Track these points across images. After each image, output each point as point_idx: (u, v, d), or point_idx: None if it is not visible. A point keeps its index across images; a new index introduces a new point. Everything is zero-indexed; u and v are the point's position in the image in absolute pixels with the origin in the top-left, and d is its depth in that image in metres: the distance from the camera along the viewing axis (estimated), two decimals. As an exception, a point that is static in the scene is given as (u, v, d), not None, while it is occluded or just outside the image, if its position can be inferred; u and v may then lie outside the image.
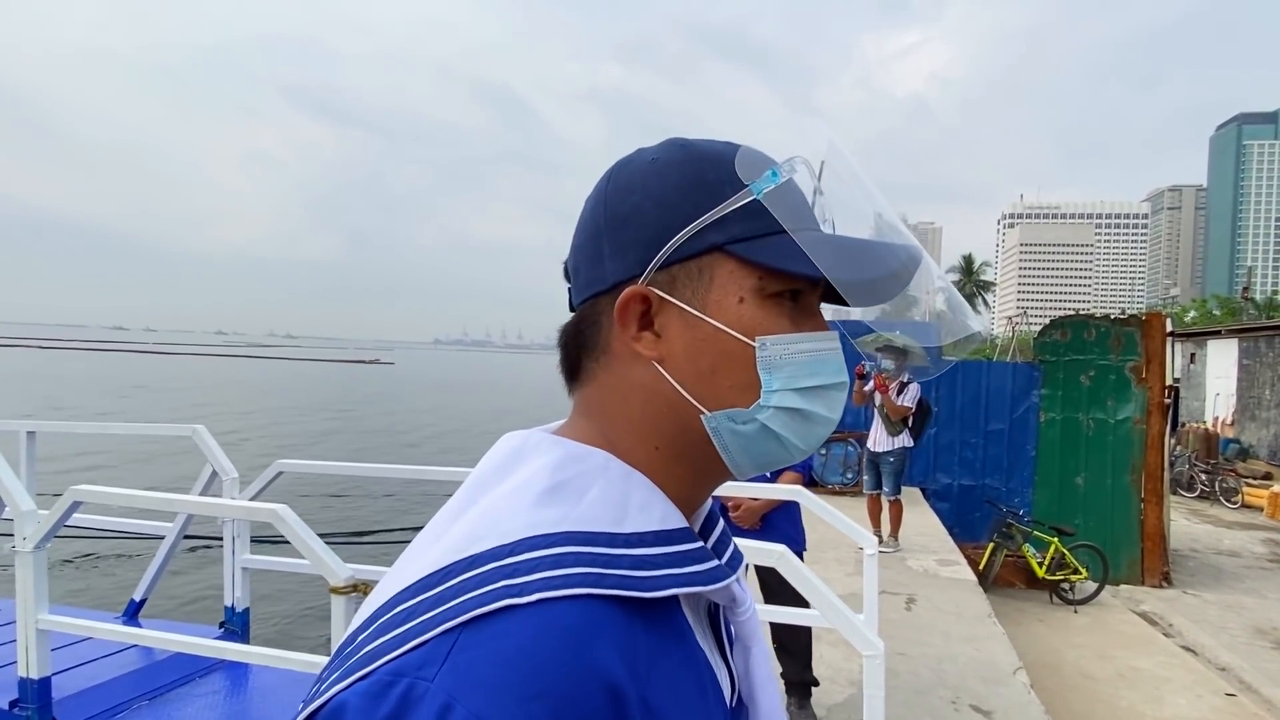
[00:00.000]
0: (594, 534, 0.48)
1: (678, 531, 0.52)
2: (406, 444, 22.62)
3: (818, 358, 0.55)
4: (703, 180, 0.54)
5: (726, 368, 0.53)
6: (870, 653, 1.98)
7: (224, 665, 3.19)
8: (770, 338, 0.53)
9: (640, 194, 0.55)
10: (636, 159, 0.57)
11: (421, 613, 0.43)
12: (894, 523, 6.97)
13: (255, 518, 2.64)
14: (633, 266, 0.54)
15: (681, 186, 0.54)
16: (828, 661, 4.03)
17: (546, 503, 0.49)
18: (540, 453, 0.53)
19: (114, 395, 33.63)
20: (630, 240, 0.54)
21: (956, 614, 5.35)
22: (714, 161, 0.55)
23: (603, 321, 0.56)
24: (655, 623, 0.48)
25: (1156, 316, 8.93)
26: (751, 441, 0.54)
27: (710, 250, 0.53)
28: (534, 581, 0.43)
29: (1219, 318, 43.08)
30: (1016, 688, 4.21)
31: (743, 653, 0.59)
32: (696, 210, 0.53)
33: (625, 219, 0.55)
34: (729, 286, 0.53)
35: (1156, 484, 8.58)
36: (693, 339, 0.53)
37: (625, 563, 0.47)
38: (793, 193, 0.54)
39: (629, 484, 0.52)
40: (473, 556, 0.46)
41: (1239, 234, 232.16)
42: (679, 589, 0.48)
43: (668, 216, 0.53)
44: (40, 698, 2.44)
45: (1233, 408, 20.02)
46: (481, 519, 0.49)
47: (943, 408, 9.22)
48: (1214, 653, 6.61)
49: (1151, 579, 8.51)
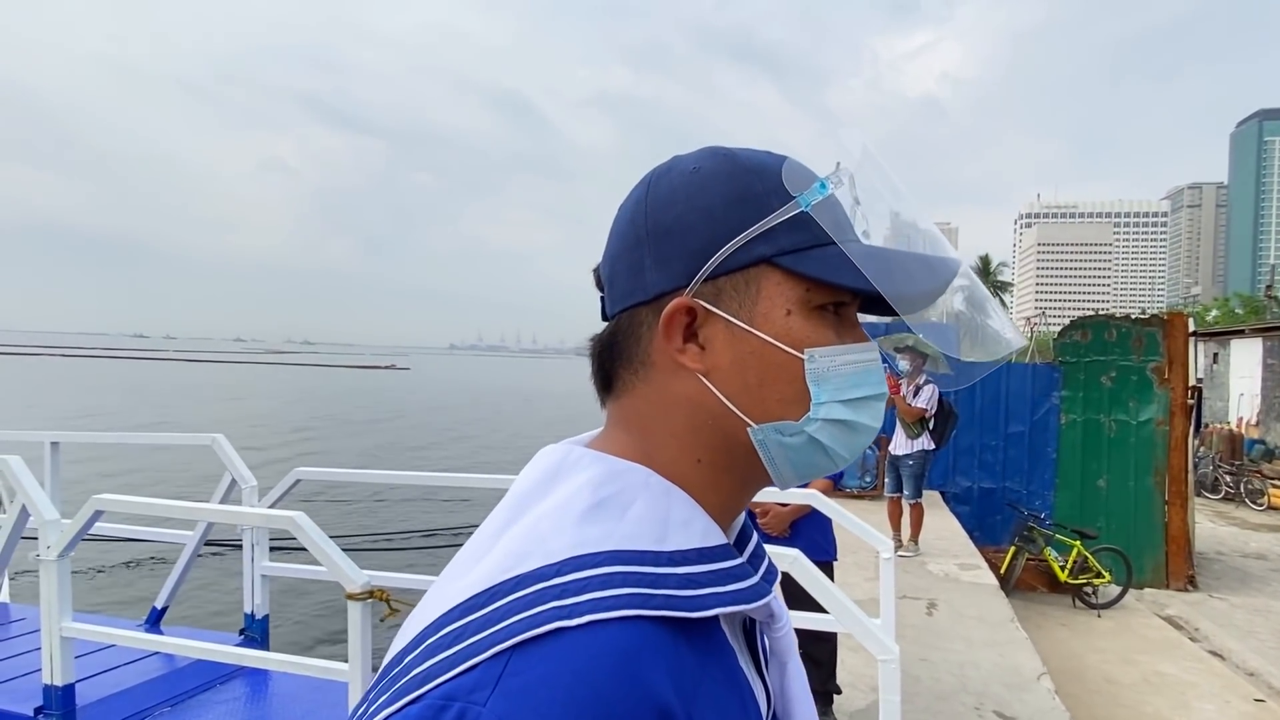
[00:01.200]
0: (639, 553, 0.47)
1: (719, 549, 0.52)
2: (423, 450, 22.74)
3: (862, 369, 0.55)
4: (749, 192, 0.54)
5: (775, 380, 0.53)
6: (885, 657, 1.97)
7: (244, 672, 3.22)
8: (819, 350, 0.53)
9: (684, 205, 0.54)
10: (677, 167, 0.57)
11: (470, 634, 0.43)
12: (914, 526, 6.91)
13: (273, 525, 2.67)
14: (678, 278, 0.54)
15: (728, 198, 0.54)
16: (849, 667, 4.00)
17: (590, 520, 0.49)
18: (581, 469, 0.53)
19: (139, 402, 34.07)
20: (675, 251, 0.54)
21: (978, 618, 5.29)
22: (759, 173, 0.54)
23: (643, 333, 0.55)
24: (699, 642, 0.48)
25: (1179, 316, 8.82)
26: (798, 453, 0.54)
27: (758, 262, 0.53)
28: (584, 603, 0.43)
29: (1242, 316, 42.46)
30: (1040, 693, 4.16)
31: (778, 668, 0.59)
32: (743, 222, 0.53)
33: (669, 229, 0.54)
34: (776, 299, 0.53)
35: (1180, 486, 8.45)
36: (740, 352, 0.53)
37: (671, 582, 0.47)
38: (837, 205, 0.54)
39: (670, 500, 0.52)
40: (519, 577, 0.45)
41: (1261, 231, 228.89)
42: (723, 608, 0.48)
43: (714, 228, 0.53)
44: (65, 704, 2.47)
45: (1257, 408, 19.70)
46: (526, 537, 0.48)
47: (962, 410, 9.12)
48: (1242, 657, 6.50)
49: (1176, 582, 8.38)
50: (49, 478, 3.69)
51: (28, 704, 2.56)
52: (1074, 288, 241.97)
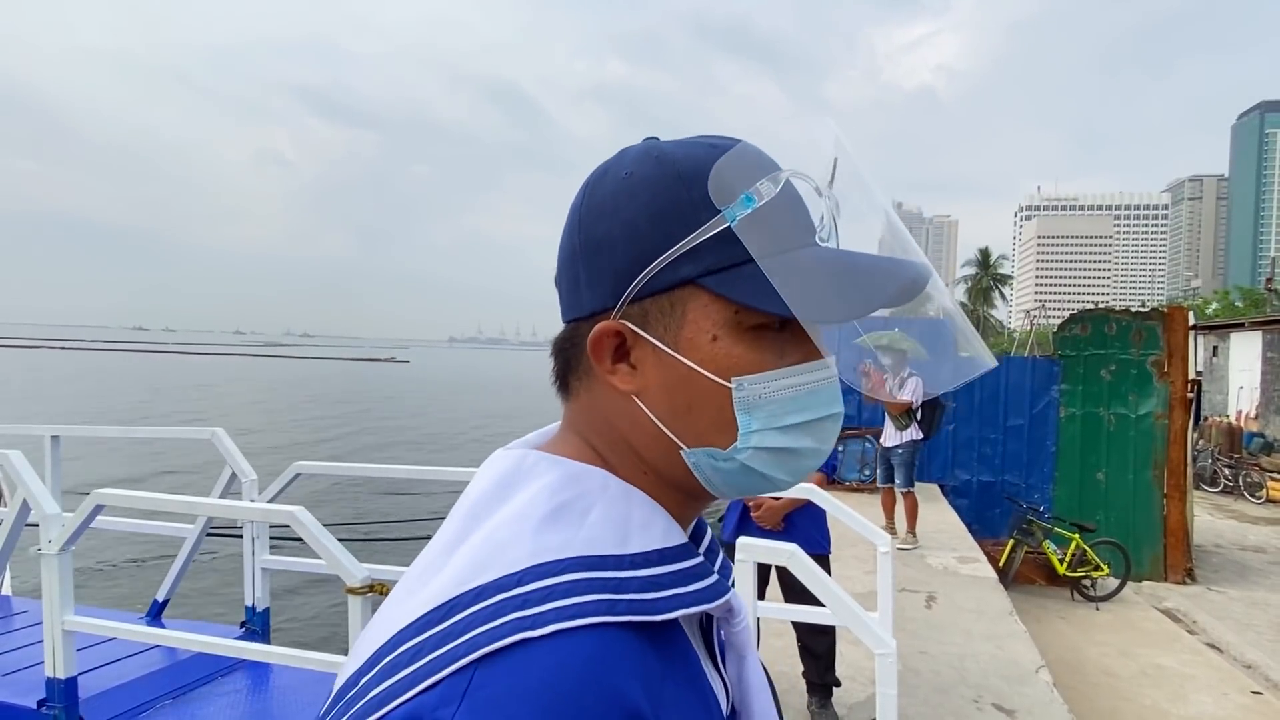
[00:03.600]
0: (601, 557, 0.46)
1: (680, 548, 0.51)
2: (423, 443, 22.76)
3: (805, 391, 0.51)
4: (676, 204, 0.50)
5: (702, 407, 0.50)
6: (883, 651, 1.98)
7: (245, 665, 3.23)
8: (748, 378, 0.49)
9: (612, 218, 0.51)
10: (613, 170, 0.53)
11: (430, 650, 0.41)
12: (909, 517, 6.98)
13: (273, 520, 2.67)
14: (606, 298, 0.51)
15: (653, 211, 0.50)
16: (848, 661, 4.01)
17: (550, 527, 0.47)
18: (537, 474, 0.51)
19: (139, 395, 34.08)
20: (603, 269, 0.51)
21: (977, 612, 5.31)
22: (690, 180, 0.50)
23: (583, 345, 0.53)
24: (662, 644, 0.47)
25: (1179, 310, 8.82)
26: (733, 476, 0.52)
27: (683, 284, 0.49)
28: (547, 612, 0.42)
29: (1242, 310, 42.45)
30: (1039, 686, 4.18)
31: (736, 661, 0.57)
32: (667, 239, 0.49)
33: (598, 245, 0.52)
34: (702, 323, 0.49)
35: (1179, 479, 8.47)
36: (668, 377, 0.51)
37: (634, 585, 0.46)
38: (777, 212, 0.49)
39: (629, 502, 0.51)
40: (479, 588, 0.44)
41: (1262, 224, 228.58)
42: (686, 609, 0.47)
43: (638, 246, 0.50)
44: (67, 697, 2.48)
45: (1256, 401, 19.72)
46: (484, 548, 0.47)
47: (961, 403, 9.16)
48: (1239, 650, 6.52)
49: (1174, 575, 8.41)
50: (49, 472, 3.70)
51: (30, 697, 2.57)
52: (1074, 280, 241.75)
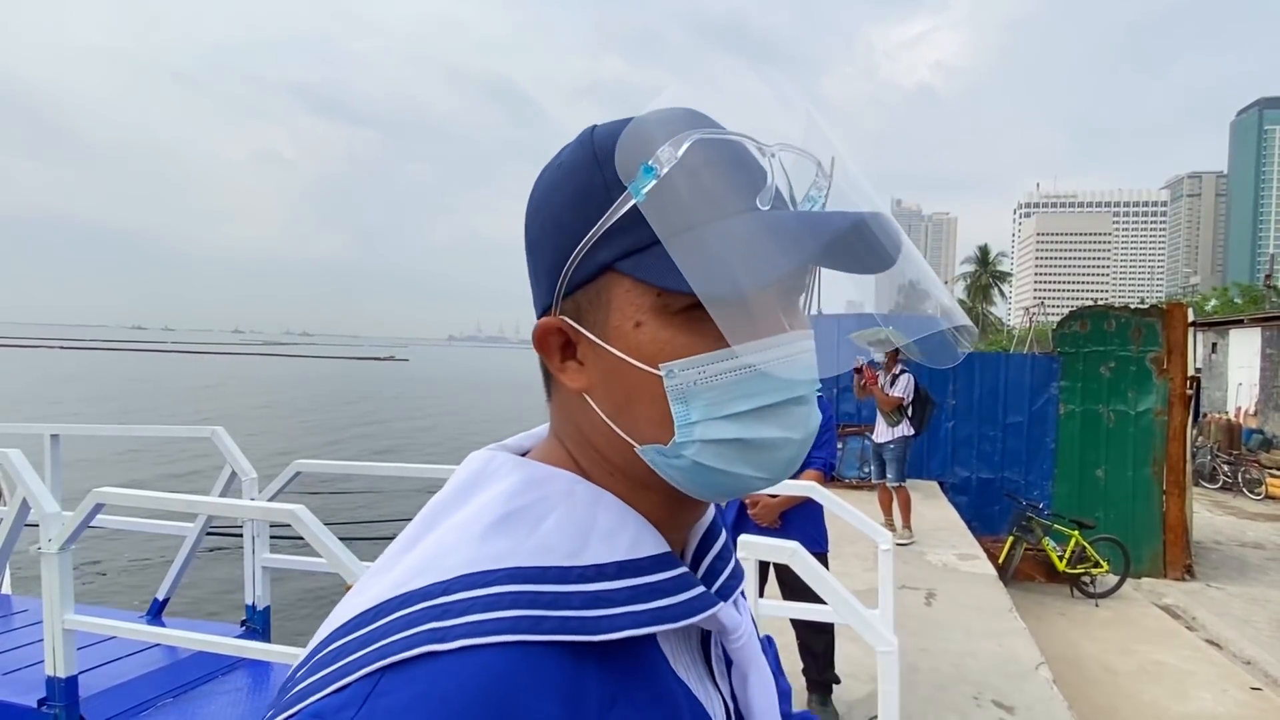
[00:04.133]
0: (544, 569, 0.44)
1: (648, 560, 0.47)
2: (423, 441, 22.76)
3: (753, 374, 0.45)
4: (591, 186, 0.46)
5: (638, 400, 0.47)
6: (884, 649, 1.98)
7: (245, 663, 3.23)
8: (677, 363, 0.45)
9: (543, 211, 0.49)
10: (552, 162, 0.51)
11: (348, 653, 0.41)
12: (903, 512, 7.09)
13: (273, 519, 2.67)
14: (545, 295, 0.50)
15: (573, 198, 0.47)
16: (848, 658, 4.02)
17: (496, 534, 0.45)
18: (499, 477, 0.49)
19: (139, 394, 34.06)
20: (540, 265, 0.50)
21: (977, 609, 5.31)
22: (604, 160, 0.46)
23: (542, 344, 0.51)
24: (613, 662, 0.44)
25: (1178, 306, 8.82)
26: (693, 475, 0.47)
27: (602, 270, 0.46)
28: (460, 626, 0.40)
29: (1241, 306, 42.46)
30: (1039, 683, 4.18)
31: (740, 678, 0.54)
32: (585, 225, 0.46)
33: (535, 242, 0.50)
34: (625, 309, 0.46)
35: (1178, 476, 8.48)
36: (604, 370, 0.48)
37: (575, 601, 0.43)
38: (692, 180, 0.43)
39: (596, 509, 0.48)
40: (406, 595, 0.43)
41: (1261, 221, 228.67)
42: (636, 629, 0.44)
43: (563, 237, 0.47)
44: (68, 696, 2.48)
45: (1256, 398, 19.73)
46: (427, 552, 0.45)
47: (960, 401, 9.16)
48: (1238, 646, 6.53)
49: (1174, 572, 8.41)
50: (49, 470, 3.70)
51: (31, 696, 2.57)
52: (1073, 277, 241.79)
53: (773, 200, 0.45)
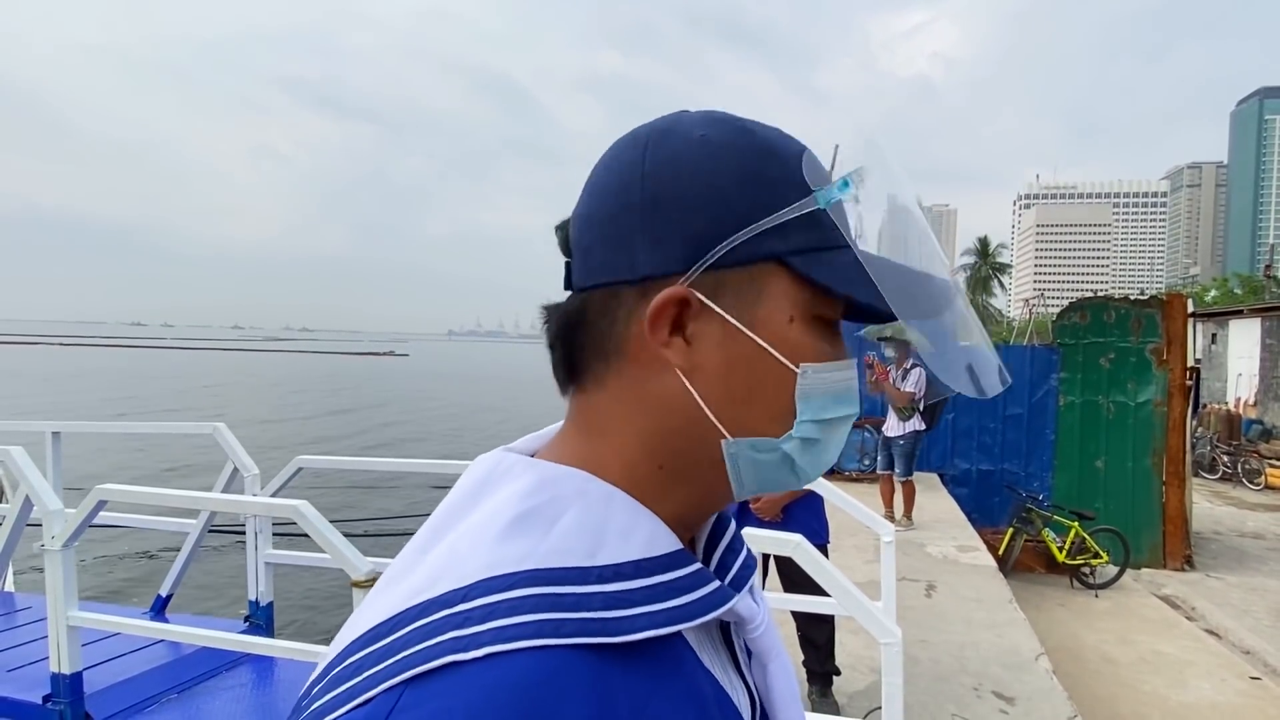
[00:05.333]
0: (563, 570, 0.43)
1: (664, 558, 0.47)
2: (424, 436, 22.78)
3: (842, 387, 0.50)
4: (764, 175, 0.47)
5: (762, 392, 0.48)
6: (888, 640, 1.98)
7: (249, 659, 3.24)
8: (812, 365, 0.48)
9: (689, 177, 0.47)
10: (680, 130, 0.49)
11: (368, 667, 0.40)
12: (907, 503, 7.16)
13: (276, 514, 2.68)
14: (673, 262, 0.47)
15: (740, 178, 0.47)
16: (848, 650, 4.03)
17: (511, 536, 0.44)
18: (511, 478, 0.48)
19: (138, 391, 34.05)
20: (674, 230, 0.47)
21: (977, 600, 5.33)
22: (774, 155, 0.48)
23: (619, 316, 0.48)
24: (639, 661, 0.43)
25: (1178, 297, 8.81)
26: (767, 470, 0.49)
27: (766, 259, 0.47)
28: (484, 633, 0.39)
29: (1241, 297, 42.43)
30: (1039, 674, 4.20)
31: (760, 668, 0.54)
32: (754, 209, 0.47)
33: (670, 202, 0.47)
34: (781, 302, 0.47)
35: (1178, 466, 8.49)
36: (730, 355, 0.47)
37: (596, 602, 0.42)
38: (850, 207, 0.49)
39: (610, 507, 0.47)
40: (425, 603, 0.42)
41: (1261, 211, 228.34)
42: (656, 630, 0.43)
43: (722, 210, 0.47)
44: (73, 692, 2.49)
45: (1255, 388, 19.74)
46: (442, 559, 0.44)
47: (959, 393, 9.16)
48: (1238, 636, 6.56)
49: (1173, 562, 8.43)
50: (51, 468, 3.70)
51: (36, 692, 2.58)
52: (1073, 269, 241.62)
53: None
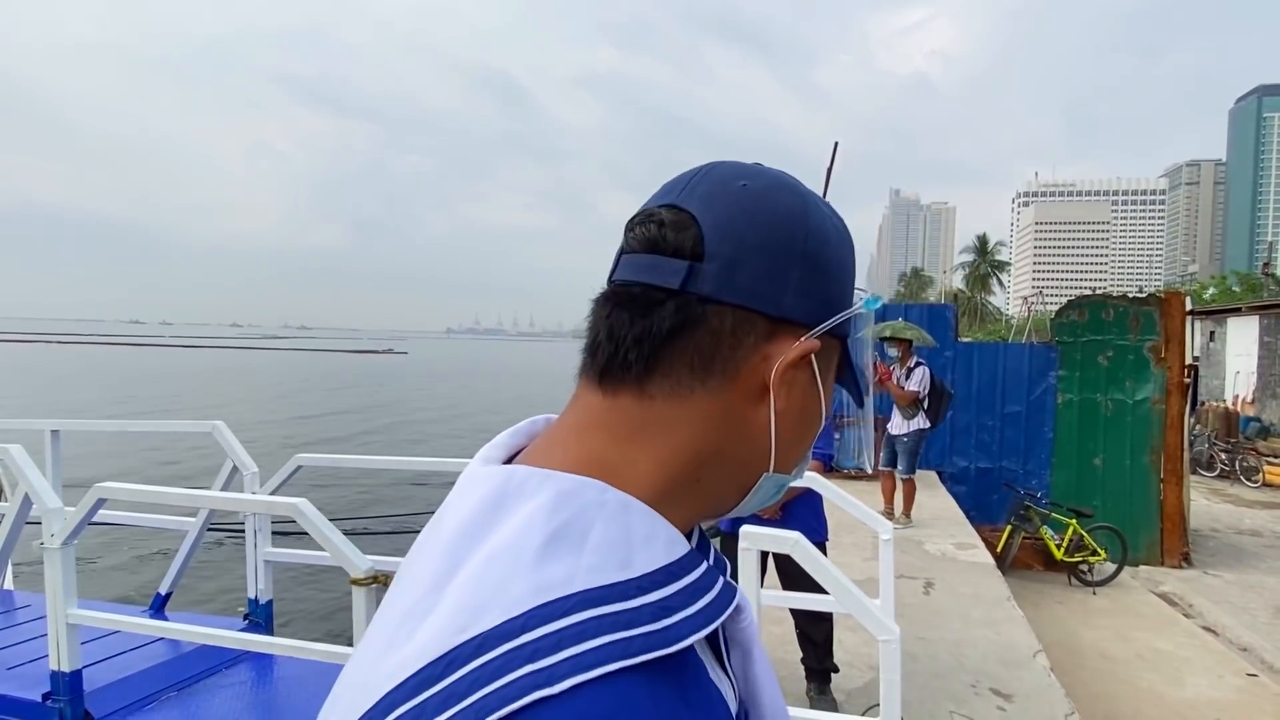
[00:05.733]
0: (608, 588, 0.42)
1: (684, 560, 0.47)
2: (423, 434, 22.77)
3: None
4: (851, 267, 0.57)
5: (805, 438, 0.57)
6: (886, 638, 1.99)
7: (249, 656, 3.24)
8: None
9: (835, 249, 0.55)
10: (820, 203, 0.57)
11: (432, 714, 0.37)
12: (907, 501, 7.18)
13: (276, 512, 2.68)
14: (809, 314, 0.53)
15: (852, 265, 0.57)
16: (846, 647, 4.04)
17: (550, 557, 0.42)
18: (528, 494, 0.46)
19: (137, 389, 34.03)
20: (819, 289, 0.53)
21: (975, 597, 5.34)
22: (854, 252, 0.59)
23: (744, 342, 0.50)
24: (673, 671, 0.42)
25: (1176, 295, 8.83)
26: (765, 497, 0.58)
27: (842, 336, 0.57)
28: (562, 664, 0.37)
29: (1239, 294, 42.47)
30: (1036, 670, 4.21)
31: (741, 657, 0.54)
32: (846, 294, 0.56)
33: (826, 264, 0.54)
34: (833, 369, 0.58)
35: (1176, 464, 8.50)
36: (806, 404, 0.55)
37: (646, 616, 0.41)
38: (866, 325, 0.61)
39: (629, 516, 0.46)
40: (479, 638, 0.39)
41: (1259, 209, 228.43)
42: (698, 633, 0.43)
43: (845, 287, 0.56)
44: (72, 690, 2.49)
45: (1253, 386, 19.78)
46: (478, 587, 0.41)
47: (959, 390, 9.17)
48: (1235, 633, 6.57)
49: (1171, 559, 8.45)
50: (50, 466, 3.70)
51: (35, 690, 2.58)
52: (1071, 266, 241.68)
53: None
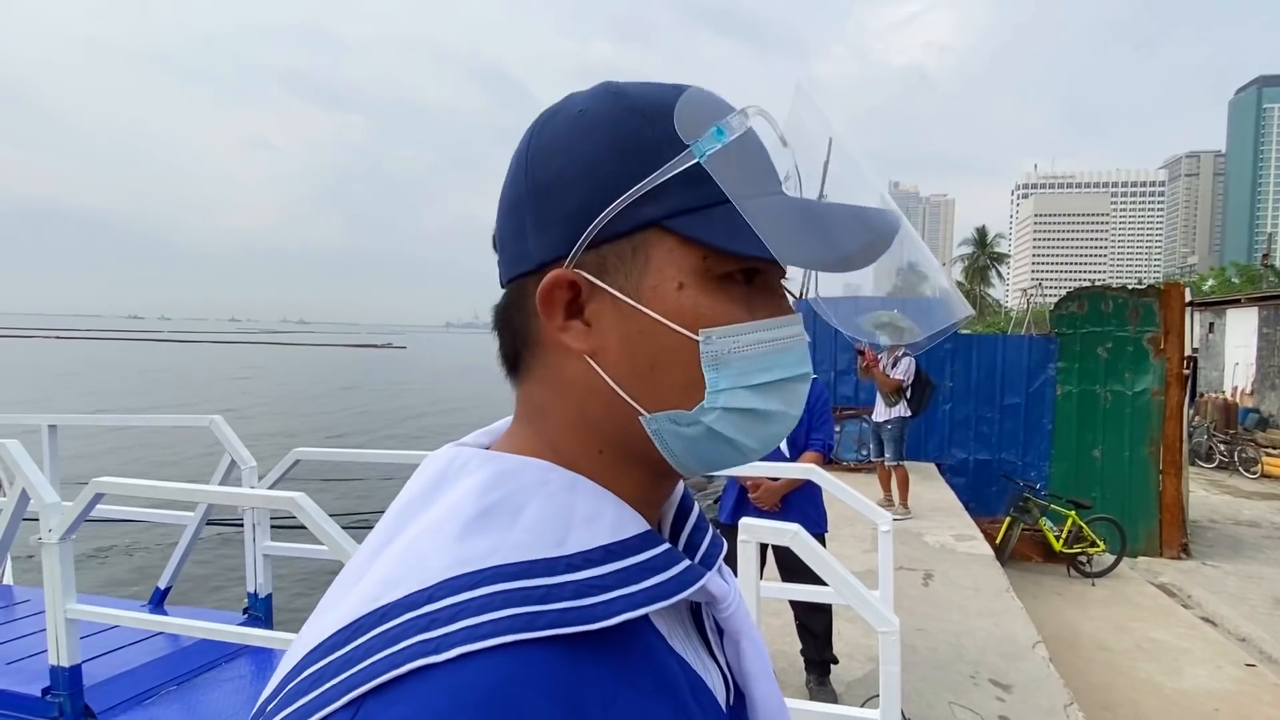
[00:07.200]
0: (530, 563, 0.41)
1: (634, 540, 0.46)
2: (422, 429, 22.78)
3: (776, 348, 0.47)
4: (638, 139, 0.45)
5: (667, 364, 0.46)
6: (885, 629, 1.99)
7: (248, 650, 3.24)
8: (716, 330, 0.45)
9: (565, 156, 0.46)
10: (564, 109, 0.49)
11: (328, 678, 0.38)
12: (901, 489, 7.23)
13: (275, 506, 2.67)
14: (558, 245, 0.46)
15: (613, 147, 0.46)
16: (846, 638, 4.05)
17: (475, 532, 0.42)
18: (467, 473, 0.46)
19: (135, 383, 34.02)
20: (555, 213, 0.46)
21: (974, 589, 5.35)
22: (653, 116, 0.46)
23: (529, 306, 0.48)
24: (610, 649, 0.42)
25: (1175, 287, 8.82)
26: (697, 444, 0.47)
27: (646, 226, 0.45)
28: (454, 633, 0.37)
29: (1238, 286, 42.45)
30: (1035, 661, 4.22)
31: (732, 646, 0.53)
32: (630, 178, 0.45)
33: (549, 187, 0.47)
34: (667, 269, 0.45)
35: (1175, 455, 8.51)
36: (627, 331, 0.46)
37: (568, 592, 0.41)
38: (746, 152, 0.45)
39: (574, 495, 0.46)
40: (386, 607, 0.39)
41: (1259, 200, 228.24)
42: (632, 612, 0.42)
43: (596, 185, 0.45)
44: (72, 685, 2.49)
45: (1252, 377, 19.77)
46: (401, 558, 0.42)
47: (958, 382, 9.18)
48: (1233, 623, 6.59)
49: (1170, 550, 8.47)
50: (48, 461, 3.69)
51: (35, 685, 2.58)
52: (1071, 258, 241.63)
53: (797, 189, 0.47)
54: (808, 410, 3.63)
